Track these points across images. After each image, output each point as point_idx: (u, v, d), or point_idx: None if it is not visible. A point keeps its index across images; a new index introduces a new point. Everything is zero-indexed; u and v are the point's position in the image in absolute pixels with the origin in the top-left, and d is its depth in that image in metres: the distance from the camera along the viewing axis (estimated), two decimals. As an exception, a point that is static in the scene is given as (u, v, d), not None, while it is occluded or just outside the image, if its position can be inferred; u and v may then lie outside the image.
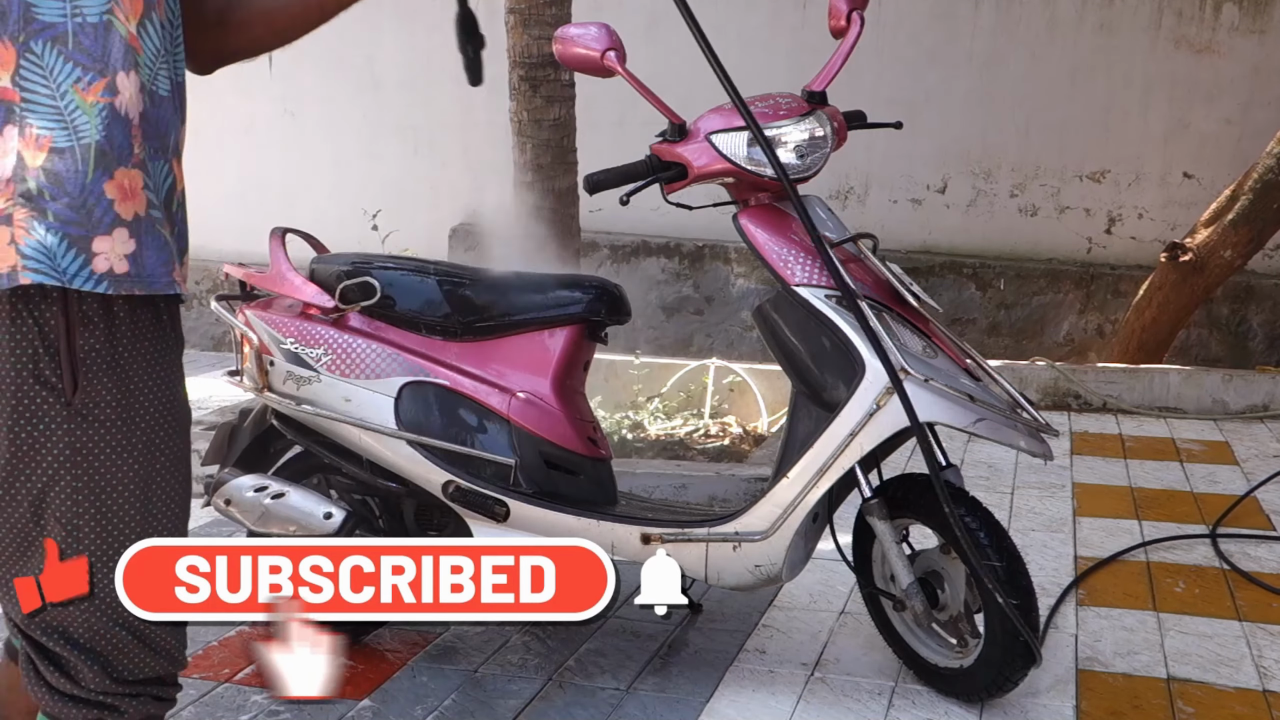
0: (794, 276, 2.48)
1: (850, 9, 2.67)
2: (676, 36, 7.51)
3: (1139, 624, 2.98)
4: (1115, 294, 6.77)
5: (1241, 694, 2.63)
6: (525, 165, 4.44)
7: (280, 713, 2.64)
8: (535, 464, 2.70)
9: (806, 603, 3.14)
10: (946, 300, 6.88)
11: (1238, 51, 6.61)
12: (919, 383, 2.35)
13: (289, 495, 2.70)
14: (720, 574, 2.58)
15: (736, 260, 7.16)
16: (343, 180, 7.81)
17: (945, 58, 6.94)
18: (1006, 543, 2.44)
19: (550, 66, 4.31)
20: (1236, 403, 5.09)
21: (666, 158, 2.57)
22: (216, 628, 3.08)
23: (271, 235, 2.95)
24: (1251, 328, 6.68)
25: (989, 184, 7.00)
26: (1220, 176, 6.36)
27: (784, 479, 2.48)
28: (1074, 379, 5.23)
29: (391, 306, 2.78)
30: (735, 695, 2.65)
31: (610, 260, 7.38)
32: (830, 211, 2.66)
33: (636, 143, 3.34)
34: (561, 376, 2.76)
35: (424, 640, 2.98)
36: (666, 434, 4.83)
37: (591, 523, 2.64)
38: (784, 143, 2.52)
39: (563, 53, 2.62)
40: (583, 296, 2.76)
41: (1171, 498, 4.01)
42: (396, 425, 2.70)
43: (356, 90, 7.88)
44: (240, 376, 2.95)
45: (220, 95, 8.20)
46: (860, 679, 2.70)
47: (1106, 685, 2.67)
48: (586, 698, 2.66)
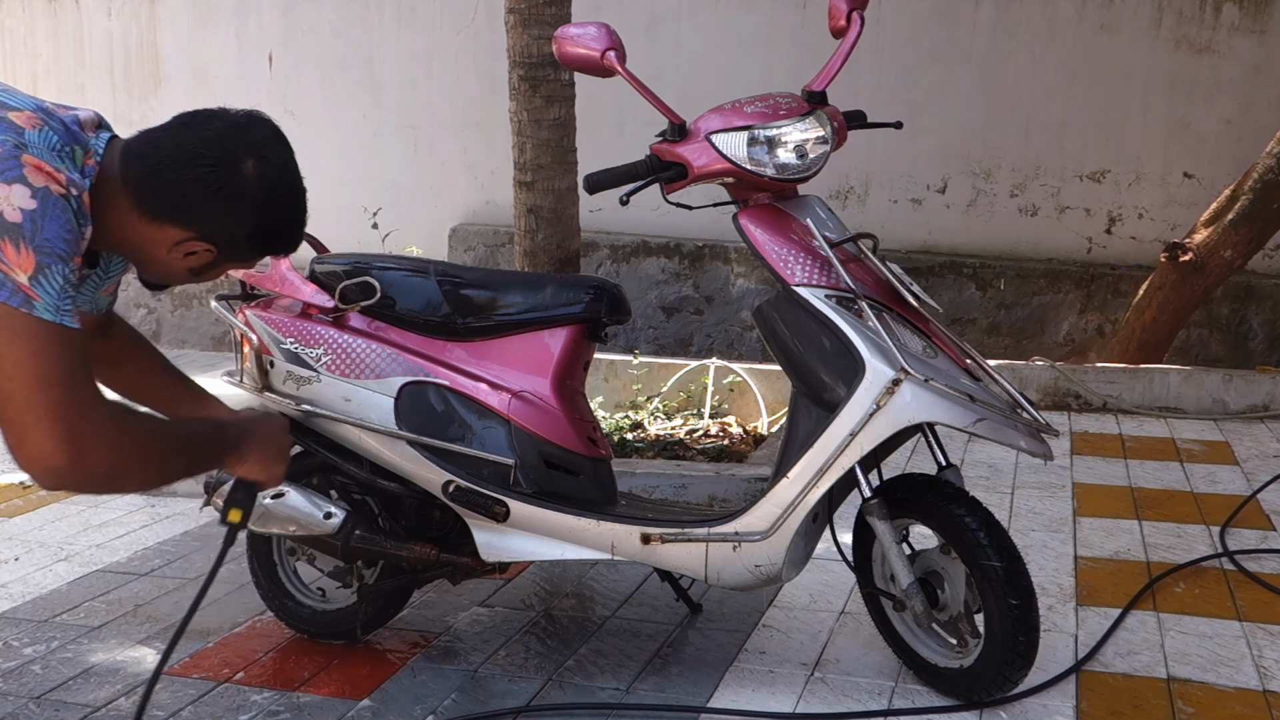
0: (794, 276, 2.48)
1: (850, 9, 2.67)
2: (676, 36, 7.54)
3: (1139, 624, 2.98)
4: (1115, 294, 6.77)
5: (1241, 694, 2.63)
6: (525, 165, 4.44)
7: (280, 713, 2.64)
8: (535, 464, 2.70)
9: (806, 603, 3.14)
10: (946, 300, 6.88)
11: (1238, 51, 6.61)
12: (919, 383, 2.35)
13: (289, 495, 2.70)
14: (720, 574, 2.58)
15: (736, 260, 7.16)
16: (343, 180, 7.81)
17: (945, 58, 6.94)
18: (1006, 543, 2.44)
19: (550, 66, 4.31)
20: (1236, 403, 5.09)
21: (666, 158, 2.57)
22: (220, 626, 3.09)
23: (271, 235, 2.95)
24: (1251, 328, 6.68)
25: (989, 184, 7.00)
26: (1220, 176, 6.36)
27: (784, 479, 2.48)
28: (1074, 379, 5.23)
29: (391, 306, 2.78)
30: (735, 695, 2.65)
31: (610, 260, 7.38)
32: (830, 211, 2.66)
33: (636, 143, 3.35)
34: (561, 376, 2.76)
35: (424, 640, 2.99)
36: (666, 434, 4.83)
37: (591, 523, 2.64)
38: (784, 143, 2.52)
39: (562, 52, 2.63)
40: (583, 296, 2.76)
41: (1171, 498, 4.00)
42: (396, 425, 2.70)
43: (356, 90, 7.89)
44: (240, 376, 2.95)
45: (220, 95, 8.21)
46: (860, 679, 2.70)
47: (1106, 685, 2.67)
48: (586, 698, 2.66)
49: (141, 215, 1.83)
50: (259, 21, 8.10)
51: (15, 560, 3.67)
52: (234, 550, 3.44)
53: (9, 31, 8.80)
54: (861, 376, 2.38)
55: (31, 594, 3.36)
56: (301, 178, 1.96)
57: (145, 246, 1.87)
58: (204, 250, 1.88)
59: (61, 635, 3.07)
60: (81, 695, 2.74)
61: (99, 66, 8.57)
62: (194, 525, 3.92)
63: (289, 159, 1.94)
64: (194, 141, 1.83)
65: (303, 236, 2.03)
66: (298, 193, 1.96)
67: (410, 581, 2.93)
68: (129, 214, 1.83)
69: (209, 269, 1.95)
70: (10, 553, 3.75)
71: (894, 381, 2.35)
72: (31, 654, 2.96)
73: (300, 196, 1.97)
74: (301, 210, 1.98)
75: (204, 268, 1.94)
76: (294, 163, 1.95)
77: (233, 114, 1.90)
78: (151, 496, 4.30)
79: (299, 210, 1.97)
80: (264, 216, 1.89)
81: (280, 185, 1.90)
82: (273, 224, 1.92)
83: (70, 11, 8.61)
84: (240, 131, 1.87)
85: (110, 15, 8.46)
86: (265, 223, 1.90)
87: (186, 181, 1.81)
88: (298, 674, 2.83)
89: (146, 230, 1.84)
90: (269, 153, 1.88)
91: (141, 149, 1.84)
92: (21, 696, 2.73)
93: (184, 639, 3.03)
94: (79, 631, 3.09)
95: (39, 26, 8.71)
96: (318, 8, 7.94)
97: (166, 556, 3.66)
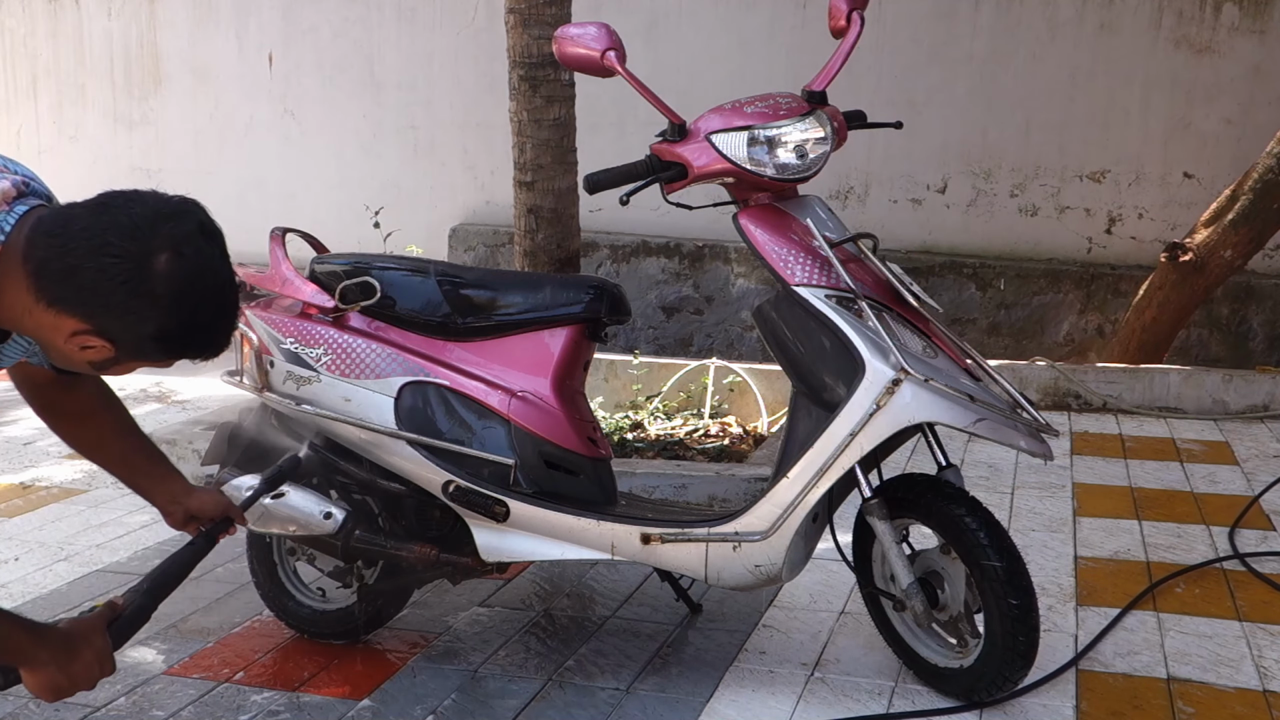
0: (794, 276, 2.48)
1: (850, 9, 2.68)
2: (676, 36, 7.53)
3: (1139, 624, 2.98)
4: (1115, 294, 6.77)
5: (1241, 694, 2.62)
6: (525, 165, 4.44)
7: (280, 713, 2.64)
8: (535, 464, 2.70)
9: (806, 603, 3.14)
10: (946, 300, 6.88)
11: (1238, 51, 6.61)
12: (919, 383, 2.35)
13: (289, 495, 2.70)
14: (720, 574, 2.58)
15: (736, 260, 7.16)
16: (343, 180, 7.81)
17: (945, 58, 6.93)
18: (1006, 543, 2.44)
19: (550, 66, 4.31)
20: (1236, 403, 5.09)
21: (666, 158, 2.57)
22: (220, 626, 3.08)
23: (271, 235, 2.95)
24: (1251, 328, 6.68)
25: (989, 184, 7.00)
26: (1220, 176, 6.35)
27: (784, 479, 2.48)
28: (1074, 379, 5.23)
29: (391, 306, 2.78)
30: (735, 695, 2.65)
31: (610, 260, 7.38)
32: (830, 211, 2.66)
33: (636, 143, 3.35)
34: (561, 376, 2.76)
35: (424, 640, 2.99)
36: (666, 434, 4.83)
37: (591, 523, 2.64)
38: (784, 143, 2.52)
39: (562, 52, 2.63)
40: (583, 296, 2.76)
41: (1172, 498, 4.00)
42: (396, 425, 2.70)
43: (356, 90, 7.88)
44: (240, 376, 2.95)
45: (220, 95, 8.21)
46: (860, 679, 2.70)
47: (1106, 685, 2.67)
48: (586, 698, 2.66)
49: (38, 299, 1.65)
50: (259, 22, 8.09)
51: (15, 560, 3.67)
52: (234, 550, 3.45)
53: (9, 31, 8.80)
54: (861, 376, 2.38)
55: (31, 594, 3.36)
56: (230, 279, 1.74)
57: (41, 332, 1.70)
58: (101, 346, 1.68)
59: (61, 635, 3.06)
60: (81, 695, 2.73)
61: (99, 67, 8.57)
62: (194, 525, 3.91)
63: (213, 258, 1.70)
64: (105, 226, 1.63)
65: (224, 344, 1.78)
66: (217, 297, 1.72)
67: (410, 581, 2.93)
68: (26, 295, 1.65)
69: (110, 365, 1.74)
70: (10, 553, 3.75)
71: (894, 381, 2.35)
72: (31, 654, 2.96)
73: (221, 301, 1.73)
74: (221, 317, 1.74)
75: (104, 363, 1.73)
76: (219, 262, 1.72)
77: (160, 199, 1.70)
78: (151, 496, 4.30)
79: (217, 316, 1.73)
80: (170, 319, 1.66)
81: (195, 287, 1.66)
82: (179, 328, 1.68)
83: (70, 11, 8.61)
84: (161, 220, 1.66)
85: (110, 15, 8.46)
86: (170, 326, 1.67)
87: (88, 270, 1.62)
88: (298, 674, 2.83)
89: (43, 316, 1.66)
90: (188, 249, 1.66)
91: (52, 226, 1.66)
92: (21, 696, 2.72)
93: (184, 639, 3.03)
94: (79, 631, 3.09)
95: (39, 26, 8.71)
96: (318, 8, 7.94)
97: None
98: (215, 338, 1.75)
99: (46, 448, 4.94)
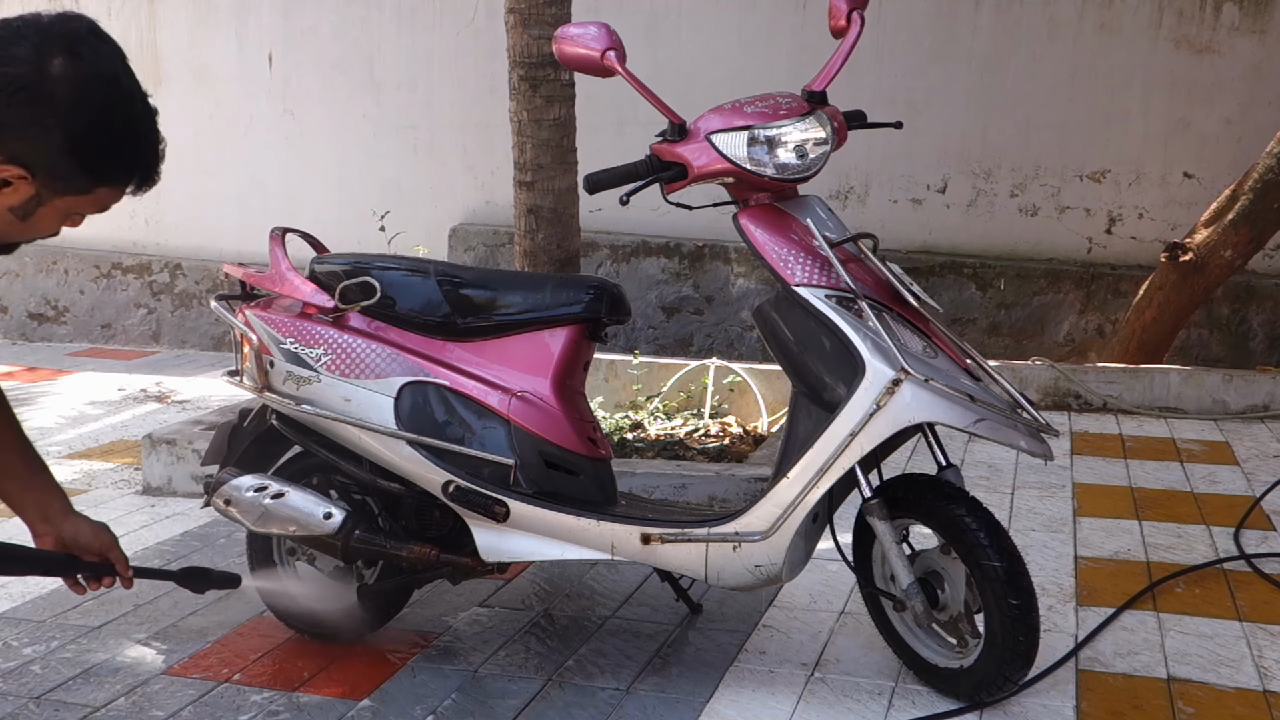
0: (794, 276, 2.48)
1: (850, 9, 2.67)
2: (676, 36, 7.53)
3: (1139, 624, 2.98)
4: (1115, 294, 6.76)
5: (1241, 694, 2.63)
6: (525, 165, 4.44)
7: (280, 713, 2.64)
8: (535, 464, 2.70)
9: (806, 603, 3.14)
10: (946, 300, 6.88)
11: (1238, 51, 6.60)
12: (919, 383, 2.35)
13: (289, 495, 2.70)
14: (720, 574, 2.58)
15: (736, 260, 7.16)
16: (343, 180, 7.81)
17: (945, 58, 6.93)
18: (1006, 543, 2.44)
19: (550, 66, 4.31)
20: (1237, 403, 5.09)
21: (666, 158, 2.57)
22: (219, 626, 3.08)
23: (271, 235, 2.95)
24: (1251, 328, 6.68)
25: (989, 184, 7.00)
26: (1220, 176, 6.35)
27: (784, 479, 2.48)
28: (1074, 379, 5.23)
29: (391, 306, 2.78)
30: (735, 695, 2.65)
31: (610, 260, 7.38)
32: (830, 211, 2.66)
33: (636, 143, 3.35)
34: (561, 376, 2.76)
35: (424, 640, 2.99)
36: (666, 434, 4.83)
37: (591, 523, 2.64)
38: (784, 143, 2.52)
39: (562, 52, 2.63)
40: (583, 296, 2.76)
41: (1172, 498, 4.00)
42: (396, 425, 2.70)
43: (356, 90, 7.88)
44: (240, 376, 2.95)
45: (220, 95, 8.21)
46: (860, 679, 2.70)
47: (1106, 685, 2.67)
48: (586, 698, 2.66)
49: None
50: (259, 21, 8.09)
51: (15, 560, 3.67)
52: (234, 550, 3.45)
53: (9, 31, 8.80)
54: (861, 376, 2.38)
55: (31, 594, 3.36)
56: (135, 82, 1.63)
57: None
58: (17, 177, 1.57)
59: (61, 635, 3.07)
60: (81, 695, 2.74)
61: (99, 66, 8.56)
62: (194, 525, 3.92)
63: (111, 56, 1.60)
64: None
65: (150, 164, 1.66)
66: (124, 94, 1.60)
67: (410, 581, 2.93)
68: None
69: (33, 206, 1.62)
70: (10, 553, 3.74)
71: (894, 381, 2.35)
72: (31, 654, 2.96)
73: (130, 100, 1.61)
74: (135, 118, 1.62)
75: (27, 204, 1.62)
76: (121, 62, 1.61)
77: (42, 14, 1.61)
78: (151, 496, 4.30)
79: (129, 117, 1.61)
80: (76, 121, 1.55)
81: (96, 86, 1.57)
82: (89, 132, 1.57)
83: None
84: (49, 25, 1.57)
85: (110, 15, 8.45)
86: (77, 130, 1.56)
87: None
88: (298, 674, 2.83)
89: None
90: (83, 48, 1.57)
91: None
92: (21, 696, 2.73)
93: (183, 639, 3.03)
94: (79, 631, 3.09)
95: (39, 26, 8.71)
96: (318, 8, 7.93)
97: (166, 556, 3.66)
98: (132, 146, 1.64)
99: (45, 448, 4.94)
